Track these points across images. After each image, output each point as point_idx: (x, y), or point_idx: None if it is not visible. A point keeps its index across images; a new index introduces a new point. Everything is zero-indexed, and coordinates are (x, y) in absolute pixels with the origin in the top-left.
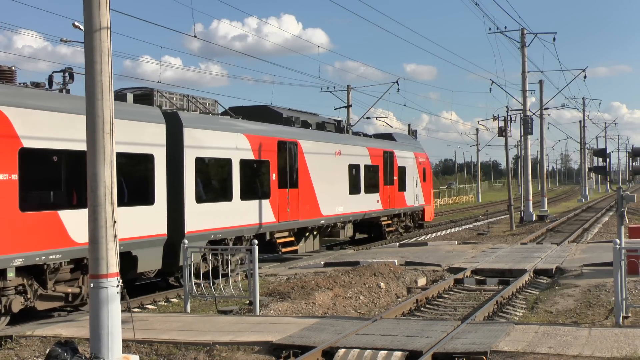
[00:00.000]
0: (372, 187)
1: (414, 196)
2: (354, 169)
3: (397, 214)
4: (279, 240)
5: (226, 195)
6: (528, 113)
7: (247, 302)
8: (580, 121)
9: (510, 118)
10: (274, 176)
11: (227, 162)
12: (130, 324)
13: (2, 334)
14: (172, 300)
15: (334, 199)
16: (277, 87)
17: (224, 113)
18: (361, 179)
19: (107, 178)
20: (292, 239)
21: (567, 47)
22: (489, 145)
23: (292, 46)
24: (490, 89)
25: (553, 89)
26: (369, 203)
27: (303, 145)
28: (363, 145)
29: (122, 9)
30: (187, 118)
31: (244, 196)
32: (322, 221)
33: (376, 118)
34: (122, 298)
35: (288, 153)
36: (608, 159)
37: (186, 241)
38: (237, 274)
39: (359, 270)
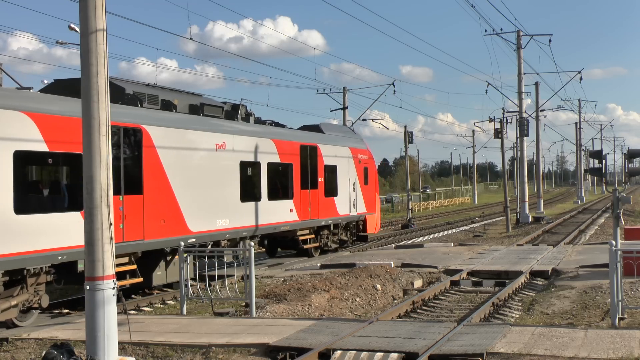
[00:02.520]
0: (281, 192)
1: (349, 203)
2: (250, 168)
3: (324, 226)
4: None
5: None
6: (524, 115)
7: (244, 304)
8: (576, 123)
9: (506, 120)
10: None
11: None
12: (127, 326)
13: None
14: (169, 302)
15: (214, 208)
16: (273, 89)
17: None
18: (262, 182)
19: (103, 180)
20: (133, 267)
21: (563, 49)
22: (485, 147)
23: (287, 48)
24: (486, 90)
25: (549, 91)
26: (276, 213)
27: (153, 133)
28: (266, 137)
29: (118, 11)
30: None
31: (26, 208)
32: (192, 240)
33: (372, 120)
34: (119, 300)
35: (124, 144)
36: (604, 161)
37: (182, 243)
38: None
39: (355, 272)
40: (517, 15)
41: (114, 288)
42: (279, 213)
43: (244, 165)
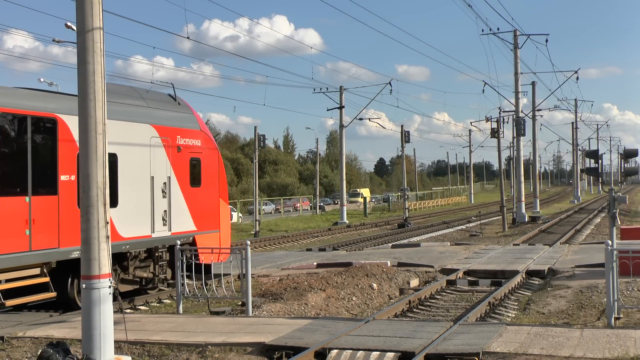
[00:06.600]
0: None
1: (151, 217)
2: None
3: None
4: None
5: None
6: (520, 114)
7: (240, 303)
8: (572, 122)
9: (503, 119)
10: None
11: None
12: (123, 325)
13: None
14: (165, 301)
15: None
16: (270, 88)
17: None
18: None
19: (100, 179)
20: None
21: (559, 49)
22: (482, 147)
23: (284, 47)
24: (483, 90)
25: (546, 91)
26: None
27: None
28: None
29: (115, 9)
30: None
31: None
32: None
33: (369, 119)
34: (115, 299)
35: None
36: (600, 161)
37: (179, 242)
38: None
39: (351, 271)
40: (514, 15)
41: (110, 287)
42: None
43: None
